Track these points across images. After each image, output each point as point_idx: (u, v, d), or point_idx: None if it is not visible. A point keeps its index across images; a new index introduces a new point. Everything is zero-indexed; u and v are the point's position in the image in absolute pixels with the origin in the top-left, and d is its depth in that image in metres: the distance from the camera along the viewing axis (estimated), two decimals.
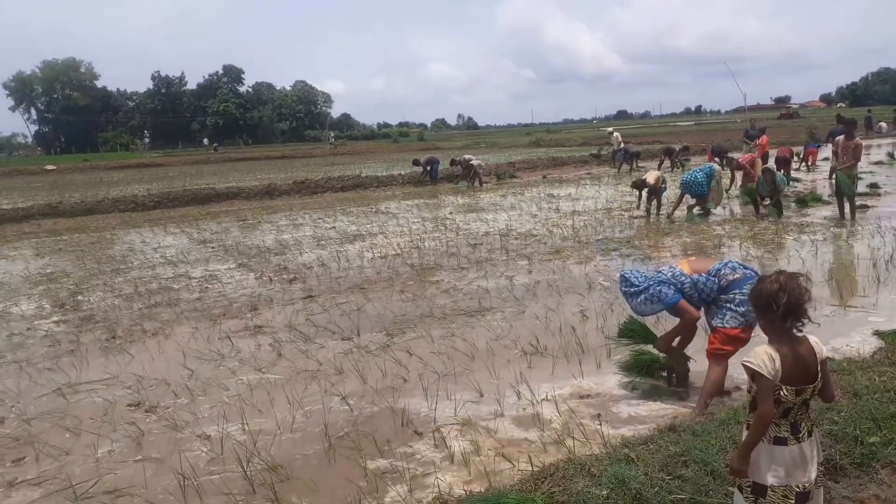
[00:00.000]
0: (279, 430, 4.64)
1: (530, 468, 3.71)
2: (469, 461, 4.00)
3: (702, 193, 12.52)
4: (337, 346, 6.37)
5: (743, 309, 4.36)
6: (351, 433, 4.51)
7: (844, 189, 11.28)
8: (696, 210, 12.70)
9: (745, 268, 4.57)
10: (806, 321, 2.47)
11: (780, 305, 2.41)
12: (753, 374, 2.44)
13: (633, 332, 5.16)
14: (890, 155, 22.49)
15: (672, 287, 4.54)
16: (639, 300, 4.64)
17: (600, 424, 4.37)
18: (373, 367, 5.70)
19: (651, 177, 13.13)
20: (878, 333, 5.56)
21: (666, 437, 3.77)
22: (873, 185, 15.22)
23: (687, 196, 12.75)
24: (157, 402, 5.27)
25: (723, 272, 4.51)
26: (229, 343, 6.64)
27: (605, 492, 3.14)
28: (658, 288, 4.55)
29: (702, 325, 4.83)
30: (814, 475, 2.48)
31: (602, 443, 3.99)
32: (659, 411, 4.58)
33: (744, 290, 4.33)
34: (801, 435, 2.47)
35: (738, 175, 15.63)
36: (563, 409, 4.64)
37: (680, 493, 3.14)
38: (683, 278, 4.57)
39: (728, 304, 4.45)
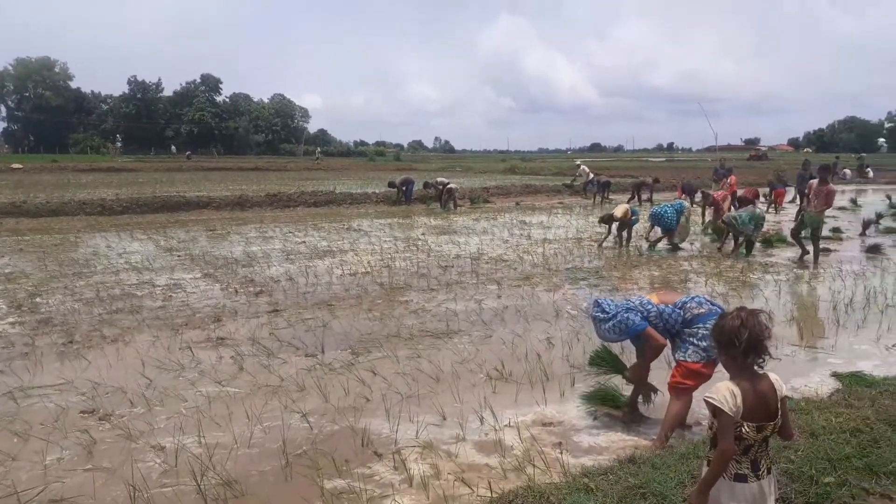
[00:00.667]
0: (236, 444, 4.55)
1: (489, 494, 3.68)
2: (428, 485, 3.96)
3: (670, 228, 12.78)
4: (300, 362, 6.29)
5: (705, 344, 4.36)
6: (309, 451, 4.45)
7: (814, 228, 11.54)
8: (664, 243, 12.93)
9: (712, 303, 4.63)
10: (767, 358, 2.50)
11: (742, 342, 2.45)
12: (715, 410, 2.47)
13: (603, 360, 5.15)
14: (853, 201, 23.14)
15: (639, 314, 4.58)
16: (606, 326, 4.66)
17: (561, 453, 4.37)
18: (336, 386, 5.63)
19: (619, 211, 13.32)
20: (835, 375, 5.66)
21: (625, 469, 3.78)
22: (836, 230, 15.60)
23: (656, 229, 13.00)
24: (111, 411, 5.15)
25: (689, 305, 4.56)
26: (190, 354, 6.53)
27: None
28: (625, 315, 4.58)
29: (667, 357, 4.87)
30: None
31: (562, 471, 3.99)
32: (619, 442, 4.59)
33: (707, 325, 4.34)
34: (760, 472, 2.50)
35: (709, 211, 15.99)
36: (524, 436, 4.64)
37: None
38: (650, 307, 4.62)
39: (691, 339, 4.48)
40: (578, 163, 32.94)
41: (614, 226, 13.37)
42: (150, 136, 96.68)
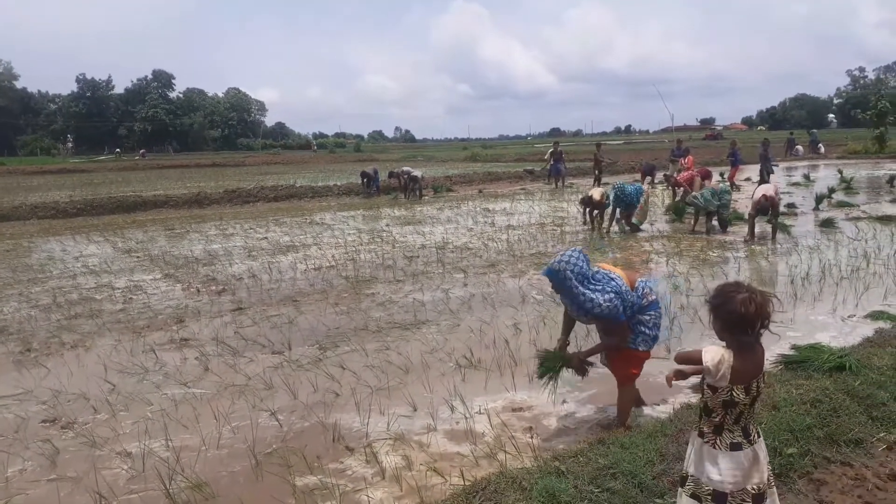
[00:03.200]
0: (205, 446, 4.49)
1: (462, 483, 3.70)
2: (401, 476, 3.96)
3: (631, 203, 12.92)
4: (267, 360, 6.22)
5: (655, 332, 4.32)
6: (280, 449, 4.41)
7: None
8: (623, 223, 13.10)
9: (652, 289, 4.47)
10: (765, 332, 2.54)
11: (757, 328, 2.47)
12: (702, 367, 2.51)
13: (550, 362, 4.54)
14: (806, 177, 23.70)
15: (621, 301, 4.12)
16: (594, 298, 4.03)
17: (532, 438, 4.41)
18: (304, 382, 5.59)
19: (596, 193, 13.48)
20: (795, 348, 5.79)
21: (595, 450, 3.83)
22: (790, 206, 15.96)
23: (618, 210, 13.16)
24: (74, 418, 5.03)
25: (645, 290, 4.30)
26: (154, 356, 6.41)
27: None
28: (617, 299, 4.07)
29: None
30: (766, 475, 2.56)
31: (533, 456, 4.02)
32: (589, 423, 4.64)
33: (658, 312, 4.33)
34: (752, 437, 2.56)
35: (680, 191, 16.28)
36: (495, 423, 4.66)
37: None
38: (628, 295, 4.16)
39: (641, 326, 4.28)
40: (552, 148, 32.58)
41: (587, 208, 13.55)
42: (101, 135, 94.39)
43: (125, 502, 3.82)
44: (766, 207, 11.67)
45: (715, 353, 2.50)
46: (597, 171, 24.40)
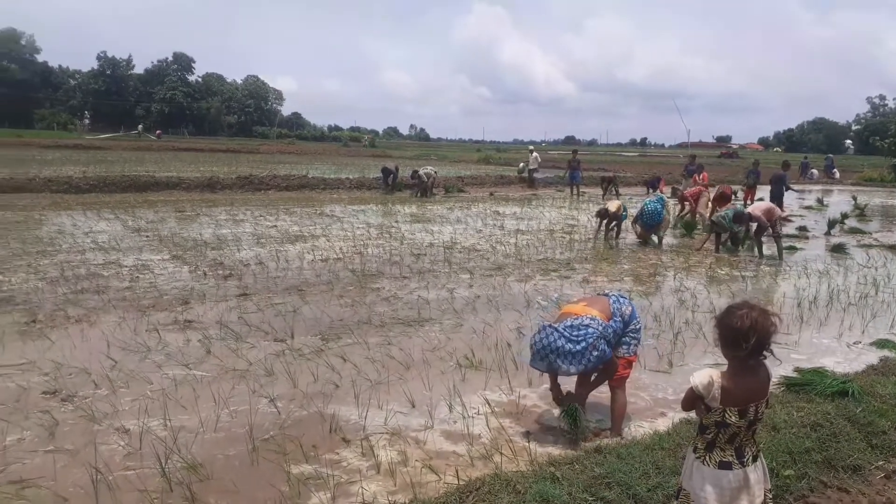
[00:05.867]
0: (202, 428, 4.50)
1: (456, 482, 3.70)
2: (396, 471, 3.96)
3: (659, 222, 12.86)
4: (269, 346, 6.24)
5: (639, 336, 4.56)
6: (277, 436, 4.42)
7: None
8: (653, 237, 13.01)
9: (621, 296, 4.61)
10: (768, 354, 2.50)
11: (749, 345, 2.42)
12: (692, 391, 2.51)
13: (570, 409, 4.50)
14: (819, 201, 23.59)
15: (604, 341, 4.25)
16: (594, 355, 4.17)
17: (528, 442, 4.40)
18: (305, 371, 5.60)
19: (613, 205, 13.39)
20: (798, 371, 5.77)
21: (591, 458, 3.82)
22: (802, 229, 15.89)
23: (637, 227, 13.09)
24: (75, 392, 5.05)
25: (622, 310, 4.41)
26: (157, 336, 6.43)
27: None
28: (601, 343, 4.21)
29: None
30: (758, 500, 2.55)
31: (529, 460, 4.02)
32: (585, 431, 4.63)
33: (637, 320, 4.53)
34: (745, 460, 2.54)
35: (687, 206, 16.28)
36: (492, 425, 4.66)
37: None
38: (609, 331, 4.28)
39: (627, 336, 4.46)
40: (531, 148, 32.23)
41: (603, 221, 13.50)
42: (119, 113, 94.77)
43: (121, 478, 3.84)
44: (742, 220, 11.83)
45: (703, 374, 2.51)
46: (610, 186, 24.48)
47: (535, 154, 28.59)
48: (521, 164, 30.25)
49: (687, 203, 16.46)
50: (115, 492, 3.68)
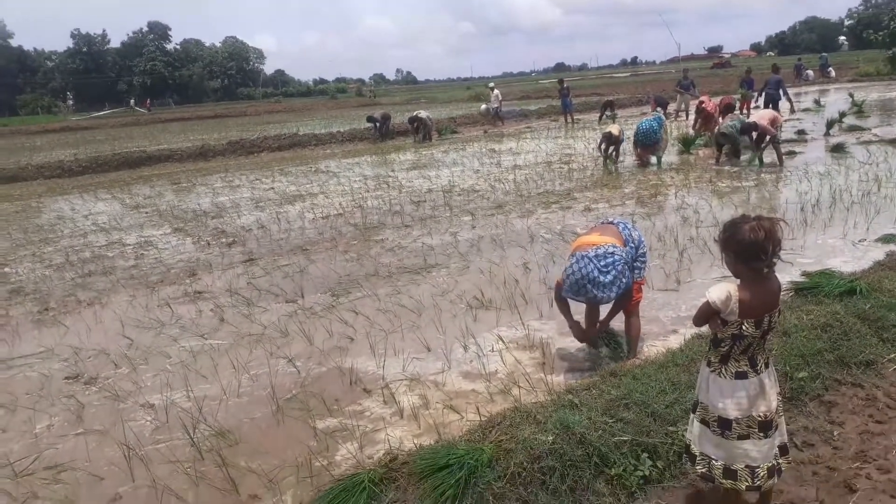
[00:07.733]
0: (225, 395, 4.59)
1: (478, 418, 3.77)
2: (418, 415, 4.05)
3: (657, 141, 12.75)
4: (281, 308, 6.29)
5: (646, 259, 4.58)
6: (299, 394, 4.50)
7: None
8: (652, 158, 12.93)
9: (625, 221, 4.64)
10: (777, 261, 2.51)
11: (769, 255, 2.43)
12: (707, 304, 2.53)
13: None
14: (816, 102, 23.24)
15: (629, 269, 4.31)
16: (623, 282, 4.21)
17: (544, 373, 4.47)
18: (319, 329, 5.66)
19: (615, 129, 13.39)
20: (805, 274, 5.79)
21: (608, 382, 3.88)
22: (801, 132, 15.72)
23: (639, 148, 13.01)
24: (96, 374, 5.14)
25: (632, 235, 4.46)
26: (169, 310, 6.50)
27: (550, 437, 3.22)
28: (626, 270, 4.23)
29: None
30: (774, 404, 2.60)
31: (547, 390, 4.09)
32: (600, 357, 4.70)
33: (643, 243, 4.53)
34: (758, 367, 2.59)
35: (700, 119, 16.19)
36: (508, 360, 4.73)
37: (622, 434, 3.24)
38: (630, 257, 4.33)
39: (640, 259, 4.48)
40: (492, 86, 30.05)
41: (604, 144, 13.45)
42: (101, 90, 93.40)
43: (152, 451, 3.93)
44: (749, 130, 11.71)
45: (720, 289, 2.50)
46: (609, 110, 24.16)
47: (496, 91, 27.40)
48: (484, 106, 29.03)
49: (705, 118, 16.23)
50: (149, 465, 3.78)
